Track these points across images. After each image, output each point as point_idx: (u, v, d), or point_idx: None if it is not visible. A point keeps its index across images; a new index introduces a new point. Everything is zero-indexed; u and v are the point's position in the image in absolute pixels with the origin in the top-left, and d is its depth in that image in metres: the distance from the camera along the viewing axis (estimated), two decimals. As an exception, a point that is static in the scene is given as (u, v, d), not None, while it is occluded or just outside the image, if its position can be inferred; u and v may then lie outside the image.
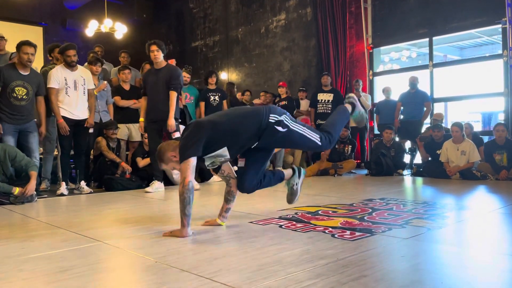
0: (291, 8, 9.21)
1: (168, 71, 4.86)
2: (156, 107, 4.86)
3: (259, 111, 2.69)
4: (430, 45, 7.42)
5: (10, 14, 9.70)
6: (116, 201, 4.27)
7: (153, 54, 4.80)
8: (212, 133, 2.57)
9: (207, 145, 2.57)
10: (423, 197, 4.49)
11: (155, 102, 4.87)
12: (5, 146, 4.21)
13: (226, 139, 2.60)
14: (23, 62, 4.47)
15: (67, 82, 4.70)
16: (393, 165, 6.35)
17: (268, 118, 2.63)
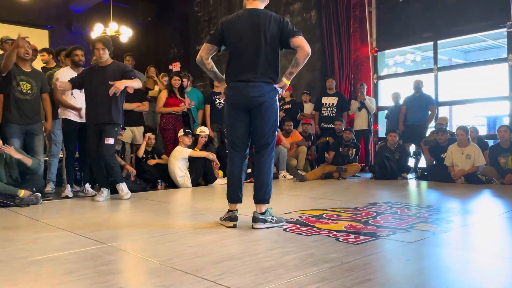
0: (295, 12, 9.22)
1: (117, 67, 4.45)
2: (98, 108, 4.35)
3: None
4: (435, 48, 7.40)
5: (17, 17, 9.78)
6: (121, 204, 4.29)
7: (98, 52, 4.35)
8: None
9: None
10: (428, 201, 4.47)
11: (97, 103, 4.35)
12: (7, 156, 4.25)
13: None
14: (21, 55, 4.53)
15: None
16: (397, 169, 6.33)
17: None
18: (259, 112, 2.89)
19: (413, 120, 6.95)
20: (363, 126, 7.51)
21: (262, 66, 2.86)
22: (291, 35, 2.84)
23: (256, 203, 2.89)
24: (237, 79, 2.91)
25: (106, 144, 4.29)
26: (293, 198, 4.61)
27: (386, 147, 6.63)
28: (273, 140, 2.98)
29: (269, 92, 2.88)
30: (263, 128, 2.92)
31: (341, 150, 6.72)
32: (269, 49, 2.87)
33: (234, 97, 2.93)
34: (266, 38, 2.85)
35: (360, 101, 7.46)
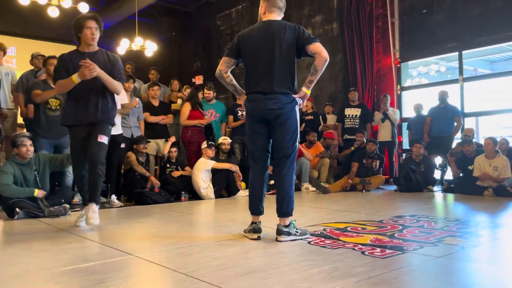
0: (317, 24, 9.26)
1: (107, 57, 3.56)
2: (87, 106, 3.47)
3: None
4: (460, 59, 7.30)
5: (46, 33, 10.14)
6: (146, 215, 4.35)
7: (89, 33, 3.40)
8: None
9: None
10: (455, 214, 4.38)
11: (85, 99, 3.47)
12: (38, 155, 4.32)
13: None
14: (50, 73, 4.68)
15: None
16: (423, 181, 6.22)
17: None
18: (277, 124, 2.89)
19: (439, 131, 6.84)
20: (387, 137, 7.43)
21: (277, 76, 2.86)
22: (308, 42, 2.82)
23: (279, 216, 2.89)
24: (254, 90, 2.94)
25: (99, 143, 3.38)
26: (317, 210, 4.59)
27: (411, 159, 6.53)
28: (293, 152, 2.95)
29: (287, 103, 2.87)
30: (282, 140, 2.91)
31: (364, 162, 6.65)
32: (285, 58, 2.87)
33: (252, 109, 2.96)
34: (282, 47, 2.85)
35: (383, 112, 7.40)
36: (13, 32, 9.95)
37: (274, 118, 2.89)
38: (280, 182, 2.95)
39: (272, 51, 2.87)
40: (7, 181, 4.02)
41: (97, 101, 3.48)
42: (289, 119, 2.89)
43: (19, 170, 4.14)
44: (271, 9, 2.98)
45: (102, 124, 3.49)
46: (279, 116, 2.87)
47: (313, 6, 9.34)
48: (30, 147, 4.14)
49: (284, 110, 2.86)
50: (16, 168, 4.13)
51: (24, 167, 4.17)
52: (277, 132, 2.92)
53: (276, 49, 2.86)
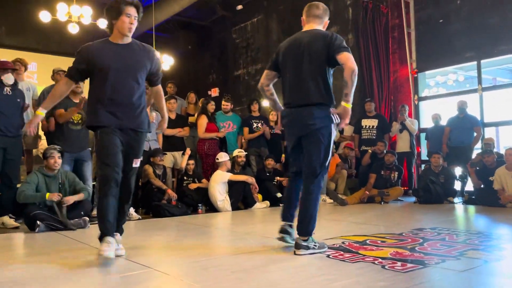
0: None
1: (144, 49, 2.87)
2: (123, 108, 2.76)
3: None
4: (478, 68, 7.20)
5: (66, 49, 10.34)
6: (163, 228, 4.37)
7: (128, 20, 2.72)
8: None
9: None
10: (477, 226, 4.28)
11: (121, 100, 2.75)
12: (66, 172, 4.51)
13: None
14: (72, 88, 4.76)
15: None
16: (443, 193, 6.11)
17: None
18: (307, 139, 2.83)
19: (458, 142, 6.73)
20: (405, 148, 7.35)
21: (306, 87, 2.80)
22: (337, 51, 2.72)
23: (298, 234, 2.83)
24: (285, 103, 2.93)
25: (134, 168, 2.87)
26: (335, 223, 4.54)
27: (430, 170, 6.43)
28: (321, 172, 2.82)
29: (317, 117, 2.78)
30: (310, 157, 2.82)
31: (382, 173, 6.57)
32: (314, 68, 2.79)
33: (286, 123, 2.96)
34: (311, 57, 2.80)
35: (401, 122, 7.32)
36: (34, 48, 10.22)
37: (305, 133, 2.83)
38: (304, 200, 2.86)
39: (300, 62, 2.82)
40: (24, 189, 4.13)
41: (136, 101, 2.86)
42: (319, 136, 2.79)
43: (44, 181, 4.27)
44: (309, 19, 2.97)
45: (140, 141, 2.89)
46: (310, 132, 2.80)
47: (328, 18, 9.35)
48: (58, 160, 4.29)
49: (313, 125, 2.78)
50: (41, 178, 4.27)
51: (50, 179, 4.31)
52: (306, 148, 2.85)
53: (304, 59, 2.81)
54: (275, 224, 4.60)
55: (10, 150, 4.53)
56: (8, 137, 4.50)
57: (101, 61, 2.73)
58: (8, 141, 4.50)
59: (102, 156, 2.71)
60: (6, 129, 4.48)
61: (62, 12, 7.45)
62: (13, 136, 4.56)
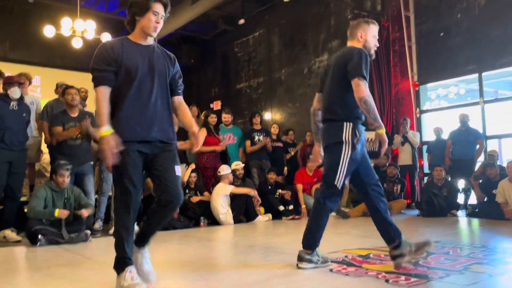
0: (333, 49, 9.32)
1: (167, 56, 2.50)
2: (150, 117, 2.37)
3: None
4: (480, 81, 7.21)
5: (70, 63, 10.45)
6: (165, 241, 4.34)
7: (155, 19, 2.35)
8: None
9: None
10: (481, 240, 4.24)
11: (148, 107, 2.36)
12: (73, 188, 4.56)
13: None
14: (68, 102, 4.86)
15: None
16: (446, 206, 6.08)
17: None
18: (325, 153, 2.88)
19: (461, 154, 6.71)
20: (408, 161, 7.33)
21: (328, 103, 2.85)
22: (350, 76, 2.69)
23: (304, 247, 2.80)
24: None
25: (177, 177, 2.44)
26: (338, 236, 4.51)
27: (432, 183, 6.41)
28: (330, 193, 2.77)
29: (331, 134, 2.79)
30: (324, 171, 2.85)
31: (385, 186, 6.55)
32: (333, 84, 2.82)
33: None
34: (333, 73, 2.83)
35: (403, 135, 7.32)
36: (38, 62, 10.29)
37: (323, 146, 2.90)
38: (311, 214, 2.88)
39: (327, 78, 2.89)
40: (35, 204, 4.18)
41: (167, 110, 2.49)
42: (330, 151, 2.80)
43: (51, 196, 4.34)
44: (348, 38, 2.99)
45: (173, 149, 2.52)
46: (324, 145, 2.87)
47: (330, 32, 9.44)
48: (66, 179, 4.37)
49: (328, 139, 2.84)
50: (49, 193, 4.34)
51: (57, 193, 4.38)
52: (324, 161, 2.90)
53: (329, 75, 2.87)
54: (277, 237, 4.59)
55: (16, 163, 4.57)
56: (13, 151, 4.54)
57: (129, 61, 2.32)
58: (14, 155, 4.54)
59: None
60: (12, 144, 4.52)
61: (66, 27, 7.53)
62: (18, 150, 4.61)
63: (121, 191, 2.30)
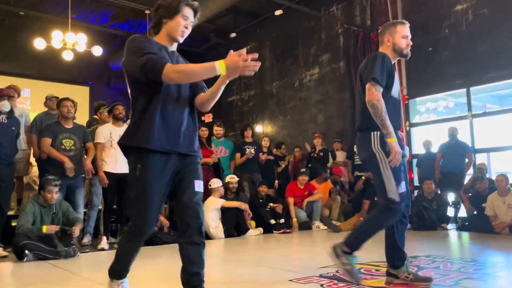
0: (324, 62, 9.41)
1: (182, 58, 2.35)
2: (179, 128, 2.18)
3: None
4: (468, 95, 7.32)
5: (60, 75, 10.42)
6: (155, 256, 4.29)
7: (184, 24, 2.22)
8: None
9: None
10: (471, 254, 4.26)
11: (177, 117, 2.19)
12: (61, 202, 4.49)
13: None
14: (64, 114, 4.81)
15: (112, 135, 4.96)
16: (436, 219, 6.10)
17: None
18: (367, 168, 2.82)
19: (450, 168, 6.77)
20: (398, 174, 7.35)
21: (358, 112, 2.80)
22: (365, 81, 2.66)
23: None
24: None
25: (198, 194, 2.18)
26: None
27: (422, 196, 6.44)
28: (391, 208, 2.63)
29: (364, 146, 2.72)
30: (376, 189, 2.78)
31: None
32: (361, 93, 2.74)
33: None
34: (359, 82, 2.80)
35: (393, 149, 7.36)
36: (28, 74, 10.25)
37: (362, 161, 2.86)
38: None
39: (358, 87, 2.84)
40: (24, 222, 4.11)
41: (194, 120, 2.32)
42: (369, 167, 2.73)
43: (39, 211, 4.27)
44: (379, 44, 2.92)
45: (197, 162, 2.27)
46: (361, 158, 2.83)
47: (320, 45, 9.54)
48: (55, 195, 4.30)
49: (360, 154, 2.81)
50: (37, 208, 4.26)
51: (45, 209, 4.31)
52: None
53: (358, 84, 2.81)
54: (269, 251, 4.56)
55: (4, 177, 4.51)
56: (1, 165, 4.49)
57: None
58: (2, 168, 4.49)
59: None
60: (0, 157, 4.45)
61: (57, 39, 7.52)
62: (7, 163, 4.56)
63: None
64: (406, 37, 2.79)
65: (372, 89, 2.60)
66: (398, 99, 2.78)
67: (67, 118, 4.87)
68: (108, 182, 4.82)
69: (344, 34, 9.04)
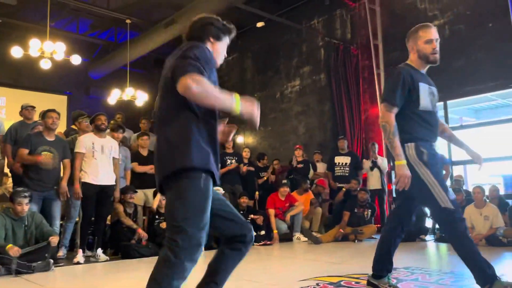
0: (305, 74, 9.50)
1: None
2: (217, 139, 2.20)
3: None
4: (445, 108, 7.48)
5: (37, 84, 10.22)
6: (133, 270, 4.20)
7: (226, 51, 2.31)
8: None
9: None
10: (449, 266, 4.30)
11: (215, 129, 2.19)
12: (34, 214, 4.34)
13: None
14: (48, 125, 4.69)
15: (94, 146, 4.86)
16: (415, 230, 6.16)
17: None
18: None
19: (428, 180, 6.86)
20: (377, 185, 7.44)
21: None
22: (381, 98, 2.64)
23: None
24: None
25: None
26: (309, 262, 4.48)
27: (401, 207, 6.49)
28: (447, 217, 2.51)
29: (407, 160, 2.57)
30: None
31: (356, 211, 6.60)
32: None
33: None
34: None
35: (372, 160, 7.45)
36: (4, 82, 10.02)
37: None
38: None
39: None
40: None
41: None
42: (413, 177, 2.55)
43: (11, 224, 4.13)
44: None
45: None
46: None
47: (302, 58, 9.63)
48: (25, 206, 4.16)
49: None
50: (8, 221, 4.12)
51: (16, 222, 4.18)
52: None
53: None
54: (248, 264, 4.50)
55: None
56: None
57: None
58: None
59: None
60: None
61: (34, 48, 7.37)
62: None
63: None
64: (431, 41, 2.66)
65: (382, 111, 2.57)
66: (432, 111, 2.67)
67: (51, 129, 4.76)
68: (82, 196, 4.73)
69: (325, 47, 9.17)
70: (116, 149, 5.14)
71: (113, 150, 5.06)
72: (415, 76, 2.64)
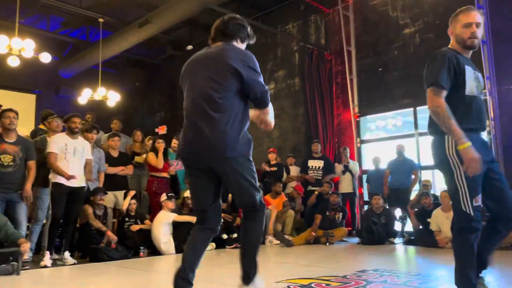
0: (280, 78, 9.56)
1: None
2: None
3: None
4: (415, 114, 7.67)
5: (4, 82, 9.89)
6: (101, 273, 4.11)
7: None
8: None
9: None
10: (417, 267, 4.41)
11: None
12: None
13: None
14: (6, 126, 4.51)
15: (67, 148, 4.73)
16: (384, 233, 6.28)
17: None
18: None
19: (397, 184, 7.02)
20: (348, 189, 7.55)
21: (430, 117, 2.54)
22: (425, 84, 2.51)
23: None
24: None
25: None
26: (281, 265, 4.50)
27: (372, 211, 6.62)
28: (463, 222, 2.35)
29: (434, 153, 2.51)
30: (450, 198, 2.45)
31: (328, 214, 6.68)
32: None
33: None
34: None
35: (344, 164, 7.56)
36: (-31, 80, 9.67)
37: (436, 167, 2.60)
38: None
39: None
40: None
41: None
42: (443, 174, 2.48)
43: None
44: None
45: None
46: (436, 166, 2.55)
47: (276, 61, 9.70)
48: None
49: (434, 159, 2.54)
50: None
51: None
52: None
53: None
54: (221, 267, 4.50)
55: None
56: None
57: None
58: None
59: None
60: None
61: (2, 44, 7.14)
62: None
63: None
64: (470, 25, 2.49)
65: (430, 95, 2.41)
66: (477, 97, 2.48)
67: (9, 130, 4.57)
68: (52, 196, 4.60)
69: (299, 52, 9.26)
70: (88, 151, 5.03)
71: (86, 152, 4.94)
72: (460, 59, 2.48)
